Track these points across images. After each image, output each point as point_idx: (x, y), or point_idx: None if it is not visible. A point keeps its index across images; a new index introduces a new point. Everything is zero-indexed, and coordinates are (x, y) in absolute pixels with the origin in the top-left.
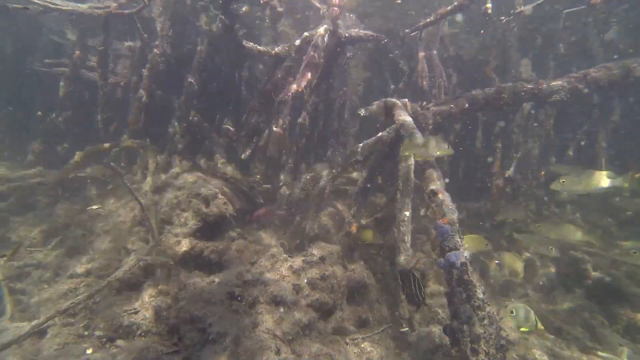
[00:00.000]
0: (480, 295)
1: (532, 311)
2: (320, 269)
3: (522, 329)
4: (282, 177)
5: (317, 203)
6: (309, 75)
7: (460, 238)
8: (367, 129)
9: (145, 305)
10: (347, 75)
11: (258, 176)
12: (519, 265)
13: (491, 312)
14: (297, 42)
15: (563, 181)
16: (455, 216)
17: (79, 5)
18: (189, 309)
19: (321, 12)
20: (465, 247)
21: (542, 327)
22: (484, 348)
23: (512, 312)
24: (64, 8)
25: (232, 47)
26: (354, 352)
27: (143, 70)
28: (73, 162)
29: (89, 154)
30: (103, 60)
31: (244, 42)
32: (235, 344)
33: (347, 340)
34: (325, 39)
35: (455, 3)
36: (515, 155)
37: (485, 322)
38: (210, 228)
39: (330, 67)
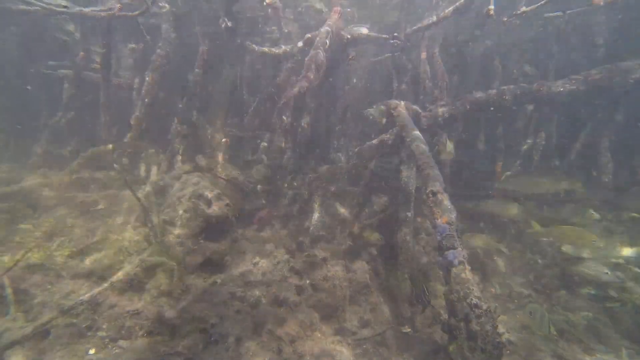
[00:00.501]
0: (478, 293)
1: (547, 316)
2: (323, 270)
3: (538, 333)
4: (284, 178)
5: (319, 204)
6: (311, 76)
7: (458, 237)
8: (370, 130)
9: (147, 306)
10: (350, 75)
11: (260, 177)
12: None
13: (488, 309)
14: (300, 43)
15: (508, 174)
16: (453, 215)
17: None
18: (191, 310)
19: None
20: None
21: (555, 333)
22: (481, 345)
23: (530, 313)
24: (68, 10)
25: (234, 48)
26: (356, 353)
27: (146, 71)
28: (76, 163)
29: (92, 155)
30: (106, 62)
31: (247, 44)
32: (237, 344)
33: (349, 341)
34: (327, 40)
35: (457, 4)
36: (517, 156)
37: (482, 319)
38: (212, 229)
39: (332, 68)
